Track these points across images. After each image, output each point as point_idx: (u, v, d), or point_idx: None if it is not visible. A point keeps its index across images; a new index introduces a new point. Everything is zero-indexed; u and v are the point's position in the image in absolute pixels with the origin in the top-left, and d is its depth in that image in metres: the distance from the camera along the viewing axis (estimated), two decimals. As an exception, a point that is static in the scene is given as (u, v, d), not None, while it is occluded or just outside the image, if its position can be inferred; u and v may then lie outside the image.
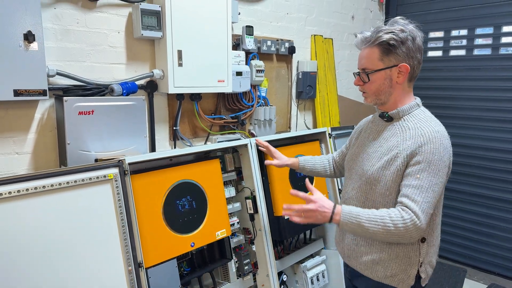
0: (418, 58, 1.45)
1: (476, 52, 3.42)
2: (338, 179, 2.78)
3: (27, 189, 1.46)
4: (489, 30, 3.32)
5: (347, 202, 1.59)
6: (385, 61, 1.44)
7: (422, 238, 1.46)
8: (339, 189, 2.77)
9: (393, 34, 1.40)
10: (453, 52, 3.57)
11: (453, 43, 3.57)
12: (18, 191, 1.44)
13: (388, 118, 1.52)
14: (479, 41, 3.40)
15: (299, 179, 2.54)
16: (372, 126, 1.63)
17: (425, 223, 1.33)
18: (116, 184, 1.69)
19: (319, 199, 1.41)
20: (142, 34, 2.05)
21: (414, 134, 1.42)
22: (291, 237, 2.65)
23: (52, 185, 1.52)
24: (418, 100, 1.53)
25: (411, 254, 1.46)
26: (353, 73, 1.57)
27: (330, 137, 2.84)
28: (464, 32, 3.47)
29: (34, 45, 1.69)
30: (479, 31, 3.38)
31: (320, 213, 1.39)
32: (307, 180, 1.60)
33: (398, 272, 1.47)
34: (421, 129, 1.42)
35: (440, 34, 3.63)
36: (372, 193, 1.48)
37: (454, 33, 3.54)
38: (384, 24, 1.47)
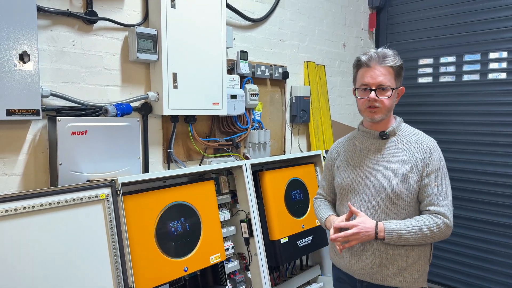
0: None
1: (465, 78, 3.50)
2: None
3: (15, 209, 1.42)
4: (477, 57, 3.42)
5: None
6: (397, 82, 1.58)
7: None
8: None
9: (401, 60, 1.58)
10: (442, 78, 3.65)
11: (442, 69, 3.66)
12: (6, 210, 1.40)
13: (386, 136, 1.63)
14: (467, 67, 3.49)
15: (294, 203, 2.51)
16: (363, 146, 1.67)
17: (452, 220, 1.53)
18: (108, 204, 1.65)
19: (359, 222, 1.49)
20: (137, 57, 2.07)
21: (418, 147, 1.57)
22: (287, 262, 2.59)
23: (41, 205, 1.48)
24: (398, 116, 1.70)
25: (427, 253, 1.60)
26: (364, 88, 1.55)
27: (324, 160, 2.83)
28: (452, 59, 3.56)
29: (29, 65, 1.69)
30: (467, 57, 3.48)
31: (364, 234, 1.49)
32: (349, 204, 1.56)
33: (422, 272, 1.58)
34: (422, 141, 1.59)
35: (429, 61, 3.72)
36: (394, 207, 1.55)
37: (443, 60, 3.63)
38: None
